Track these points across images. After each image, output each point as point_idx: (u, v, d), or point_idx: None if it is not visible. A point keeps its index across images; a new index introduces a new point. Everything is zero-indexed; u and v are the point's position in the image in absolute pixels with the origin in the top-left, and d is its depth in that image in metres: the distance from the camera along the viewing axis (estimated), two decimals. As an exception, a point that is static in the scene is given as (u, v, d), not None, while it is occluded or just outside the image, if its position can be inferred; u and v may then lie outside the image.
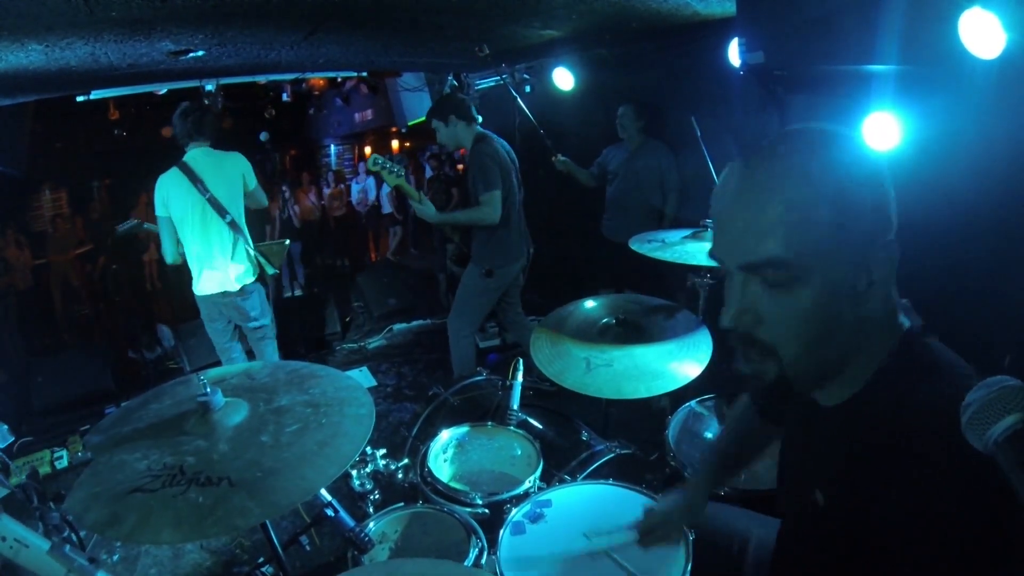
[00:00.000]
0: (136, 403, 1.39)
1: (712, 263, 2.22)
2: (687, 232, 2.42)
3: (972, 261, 2.06)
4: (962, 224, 2.03)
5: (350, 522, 1.43)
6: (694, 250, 2.24)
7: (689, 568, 1.35)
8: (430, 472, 1.82)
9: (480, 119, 3.44)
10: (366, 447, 1.94)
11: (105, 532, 1.01)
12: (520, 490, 1.73)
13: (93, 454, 1.19)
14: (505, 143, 3.48)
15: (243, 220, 3.33)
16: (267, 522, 1.34)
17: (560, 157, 4.05)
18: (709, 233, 2.25)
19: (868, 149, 0.82)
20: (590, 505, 1.61)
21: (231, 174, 3.26)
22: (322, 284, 7.31)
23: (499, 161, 3.32)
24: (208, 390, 1.20)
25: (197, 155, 3.17)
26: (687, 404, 2.11)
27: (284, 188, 8.70)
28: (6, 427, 3.08)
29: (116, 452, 1.15)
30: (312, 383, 1.38)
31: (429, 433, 2.09)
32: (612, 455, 2.03)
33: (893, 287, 0.84)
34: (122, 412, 1.35)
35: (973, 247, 2.07)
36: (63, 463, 3.21)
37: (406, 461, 1.94)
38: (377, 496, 1.84)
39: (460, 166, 8.93)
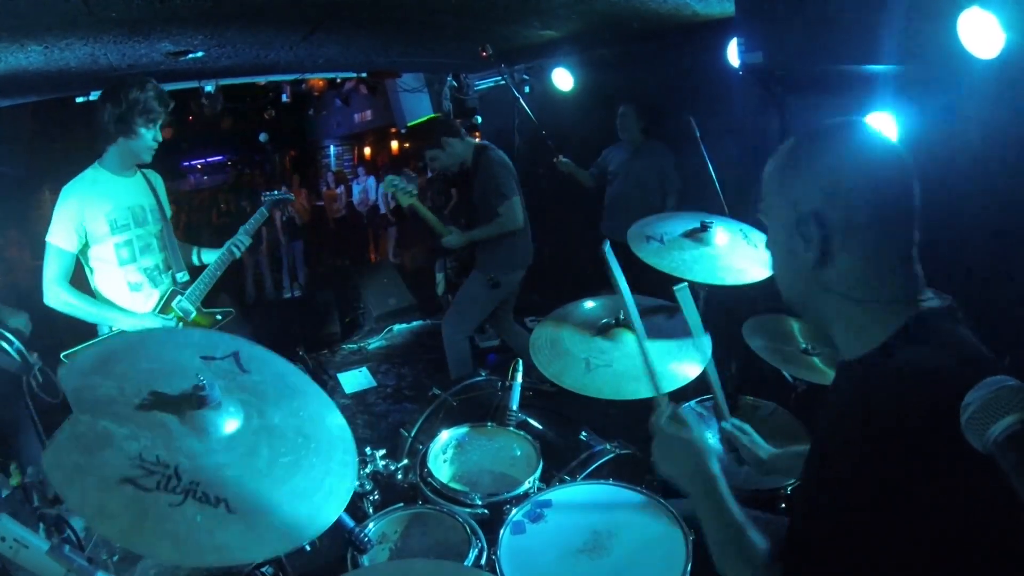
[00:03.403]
0: (126, 343, 1.32)
1: (708, 279, 2.20)
2: (686, 227, 2.35)
3: (971, 260, 2.06)
4: (961, 223, 2.03)
5: (350, 523, 1.43)
6: (691, 259, 2.20)
7: (689, 568, 1.35)
8: (430, 472, 1.82)
9: (474, 123, 3.43)
10: (366, 448, 1.94)
11: (94, 522, 0.97)
12: (520, 490, 1.73)
13: (72, 402, 1.09)
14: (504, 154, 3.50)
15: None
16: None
17: (562, 158, 4.05)
18: (707, 235, 2.24)
19: (827, 145, 0.95)
20: (590, 505, 1.61)
21: None
22: (322, 284, 7.31)
23: (509, 167, 3.34)
24: (207, 383, 1.17)
25: None
26: (687, 404, 2.11)
27: (283, 188, 8.71)
28: (25, 316, 2.98)
29: (100, 415, 1.08)
30: (301, 403, 1.32)
31: (429, 434, 2.09)
32: (612, 455, 2.03)
33: (876, 271, 0.91)
34: (99, 359, 1.21)
35: (972, 246, 2.07)
36: (63, 464, 3.20)
37: (406, 462, 1.94)
38: (377, 497, 1.84)
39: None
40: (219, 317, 2.71)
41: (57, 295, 2.25)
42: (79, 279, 2.33)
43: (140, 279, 2.43)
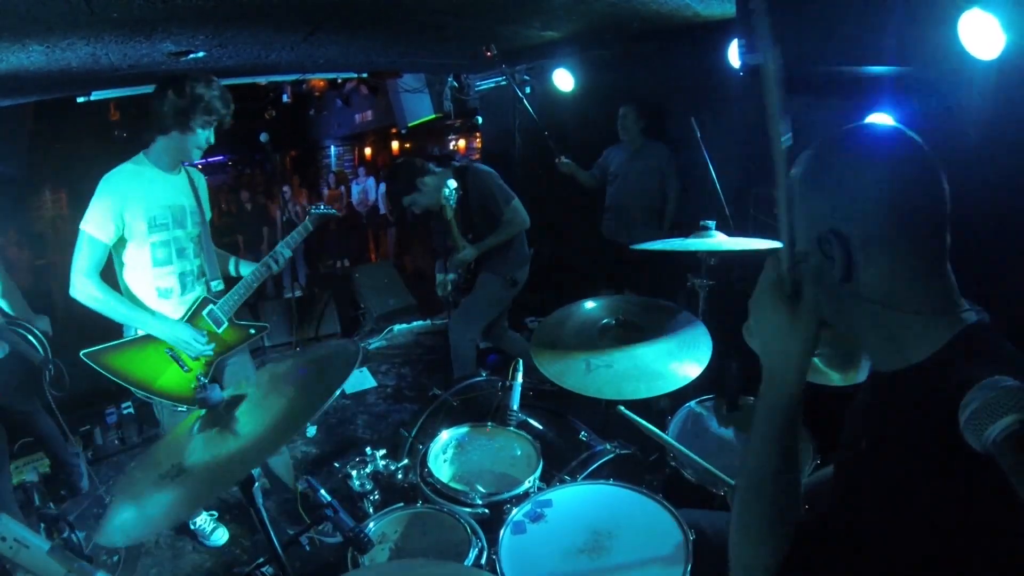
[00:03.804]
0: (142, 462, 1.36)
1: (708, 249, 2.19)
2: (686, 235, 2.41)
3: (971, 262, 2.06)
4: (961, 225, 2.03)
5: (350, 522, 1.43)
6: (692, 243, 2.23)
7: (689, 569, 1.35)
8: (430, 472, 1.82)
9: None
10: (366, 448, 1.95)
11: (134, 536, 1.05)
12: (520, 490, 1.73)
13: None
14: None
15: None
16: (267, 522, 1.34)
17: (564, 159, 4.06)
18: (709, 233, 2.25)
19: (838, 158, 0.91)
20: (590, 505, 1.61)
21: None
22: (322, 284, 7.32)
23: (496, 175, 3.38)
24: (206, 382, 1.20)
25: None
26: (687, 404, 2.11)
27: (286, 189, 8.73)
28: (47, 318, 3.01)
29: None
30: (299, 363, 1.42)
31: (429, 434, 2.09)
32: (612, 455, 2.03)
33: (907, 281, 0.87)
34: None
35: (972, 248, 2.06)
36: (63, 463, 3.21)
37: (406, 462, 1.94)
38: (377, 496, 1.84)
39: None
40: (252, 331, 2.51)
41: (86, 288, 2.10)
42: (106, 277, 2.20)
43: (171, 284, 2.29)
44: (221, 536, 2.60)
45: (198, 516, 2.60)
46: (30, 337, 2.67)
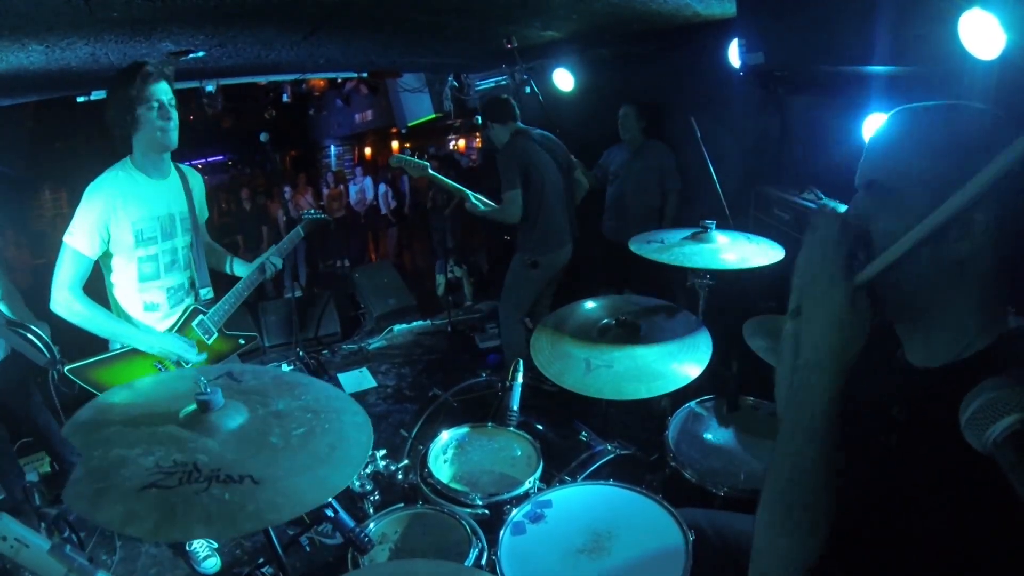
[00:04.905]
0: (114, 398, 1.36)
1: (708, 266, 2.19)
2: (687, 232, 2.41)
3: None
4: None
5: (350, 522, 1.43)
6: (692, 252, 2.23)
7: (689, 569, 1.35)
8: (430, 473, 1.82)
9: (518, 114, 3.49)
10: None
11: (126, 529, 1.02)
12: (520, 491, 1.73)
13: (80, 449, 1.15)
14: (545, 133, 3.55)
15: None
16: (267, 523, 1.34)
17: (571, 158, 4.05)
18: (709, 234, 2.24)
19: (988, 134, 0.82)
20: (590, 506, 1.61)
21: None
22: (322, 284, 7.32)
23: (523, 159, 3.36)
24: (208, 389, 1.20)
25: None
26: (687, 405, 2.11)
27: (287, 188, 8.73)
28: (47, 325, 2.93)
29: (110, 447, 1.14)
30: (301, 390, 1.39)
31: (429, 434, 2.09)
32: (612, 456, 2.03)
33: (993, 284, 0.85)
34: (97, 409, 1.31)
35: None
36: (63, 463, 3.21)
37: (406, 462, 1.94)
38: (377, 497, 1.84)
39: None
40: (242, 342, 2.44)
41: (67, 303, 2.00)
42: (92, 283, 2.12)
43: (159, 299, 2.20)
44: (213, 565, 2.50)
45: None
46: (34, 339, 2.63)
